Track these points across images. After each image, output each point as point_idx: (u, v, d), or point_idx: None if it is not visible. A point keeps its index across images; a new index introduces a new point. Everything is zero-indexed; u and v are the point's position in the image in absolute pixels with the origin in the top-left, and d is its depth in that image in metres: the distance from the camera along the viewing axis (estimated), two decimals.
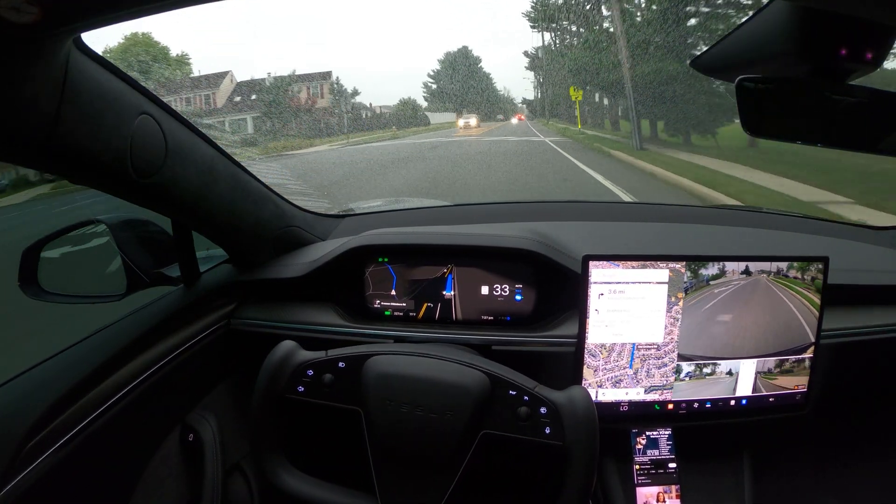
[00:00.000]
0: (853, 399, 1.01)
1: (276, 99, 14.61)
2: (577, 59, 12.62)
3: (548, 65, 16.74)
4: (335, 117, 16.00)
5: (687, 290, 0.82)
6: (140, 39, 13.77)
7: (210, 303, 0.94)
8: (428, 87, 21.39)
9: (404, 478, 0.65)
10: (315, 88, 15.79)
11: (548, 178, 7.27)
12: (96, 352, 0.72)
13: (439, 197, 5.79)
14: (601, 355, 0.85)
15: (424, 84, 21.60)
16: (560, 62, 14.41)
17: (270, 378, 0.68)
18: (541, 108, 19.04)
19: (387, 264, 0.98)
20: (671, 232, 1.15)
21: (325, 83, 15.98)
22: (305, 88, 15.55)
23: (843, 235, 1.13)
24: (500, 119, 19.58)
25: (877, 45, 0.46)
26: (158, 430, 0.82)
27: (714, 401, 0.87)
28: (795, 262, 0.83)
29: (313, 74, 15.89)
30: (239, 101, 14.66)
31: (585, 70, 12.33)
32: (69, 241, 0.88)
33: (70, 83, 0.52)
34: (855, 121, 0.51)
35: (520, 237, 0.96)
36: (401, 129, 17.61)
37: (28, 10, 0.38)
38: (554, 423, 0.64)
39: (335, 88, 16.14)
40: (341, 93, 16.35)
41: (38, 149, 0.51)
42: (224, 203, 0.84)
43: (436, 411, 0.65)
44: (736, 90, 0.50)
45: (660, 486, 0.91)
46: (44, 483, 0.60)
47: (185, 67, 15.26)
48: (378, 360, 0.69)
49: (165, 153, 0.68)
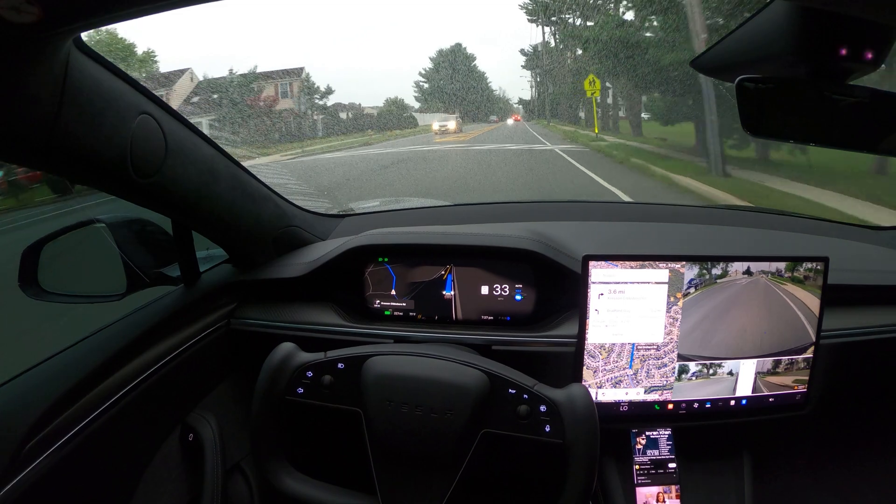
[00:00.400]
0: (853, 399, 1.01)
1: (234, 99, 12.79)
2: (609, 34, 8.60)
3: (551, 57, 15.35)
4: (305, 119, 14.34)
5: (697, 286, 0.82)
6: (103, 38, 12.18)
7: (210, 303, 0.94)
8: (420, 86, 20.64)
9: (405, 478, 0.65)
10: (284, 87, 14.09)
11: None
12: (96, 352, 0.72)
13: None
14: (601, 356, 0.85)
15: (416, 83, 20.85)
16: (570, 50, 12.23)
17: (270, 380, 0.68)
18: (539, 108, 17.72)
19: (387, 264, 0.98)
20: (671, 232, 1.15)
21: (294, 81, 14.20)
22: (273, 86, 13.83)
23: (843, 235, 1.13)
24: (494, 121, 18.31)
25: (877, 45, 0.46)
26: (158, 430, 0.82)
27: (714, 401, 0.87)
28: (795, 262, 0.83)
29: (277, 72, 14.20)
30: (197, 101, 12.82)
31: (625, 48, 8.15)
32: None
33: (70, 83, 0.52)
34: (855, 121, 0.51)
35: (520, 237, 0.96)
36: (381, 133, 16.10)
37: (28, 10, 0.38)
38: (554, 421, 0.64)
39: (306, 87, 14.63)
40: (311, 91, 14.64)
41: (38, 149, 0.51)
42: (224, 203, 0.84)
43: (436, 411, 0.65)
44: (736, 90, 0.50)
45: (660, 486, 0.91)
46: (44, 483, 0.60)
47: (152, 66, 13.79)
48: (377, 361, 0.69)
49: (165, 153, 0.68)
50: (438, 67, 20.40)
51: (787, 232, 1.13)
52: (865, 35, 0.46)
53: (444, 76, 20.10)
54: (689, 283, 0.82)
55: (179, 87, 13.02)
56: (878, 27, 0.46)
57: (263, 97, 13.76)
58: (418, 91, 20.74)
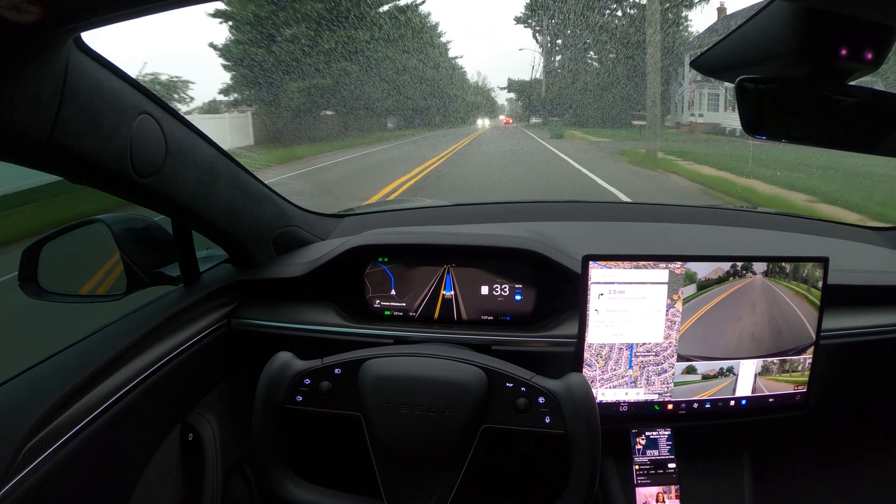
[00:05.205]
0: (853, 399, 1.01)
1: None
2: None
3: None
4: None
5: (696, 286, 0.82)
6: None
7: (210, 302, 0.94)
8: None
9: (409, 479, 0.65)
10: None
11: None
12: (96, 351, 0.72)
13: None
14: (597, 364, 0.85)
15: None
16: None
17: (268, 391, 0.68)
18: (546, 102, 10.20)
19: (387, 264, 0.98)
20: (671, 232, 1.15)
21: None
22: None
23: (843, 235, 1.14)
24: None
25: (877, 45, 0.46)
26: (158, 430, 0.82)
27: (714, 401, 0.87)
28: (795, 262, 0.83)
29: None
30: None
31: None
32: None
33: (70, 83, 0.52)
34: (855, 121, 0.51)
35: (519, 237, 0.96)
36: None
37: (28, 9, 0.38)
38: (553, 412, 0.64)
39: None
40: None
41: (38, 149, 0.51)
42: (224, 203, 0.84)
43: (434, 410, 0.65)
44: (736, 90, 0.50)
45: (659, 487, 0.91)
46: (44, 482, 0.60)
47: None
48: (374, 364, 0.69)
49: (165, 153, 0.68)
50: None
51: (787, 232, 1.13)
52: (865, 35, 0.46)
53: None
54: (689, 284, 0.83)
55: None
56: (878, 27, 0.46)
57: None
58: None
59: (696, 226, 1.18)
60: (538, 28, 10.78)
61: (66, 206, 3.76)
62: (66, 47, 0.50)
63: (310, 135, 11.39)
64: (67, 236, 0.85)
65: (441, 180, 7.17)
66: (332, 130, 11.90)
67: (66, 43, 0.50)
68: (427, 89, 12.21)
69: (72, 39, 0.51)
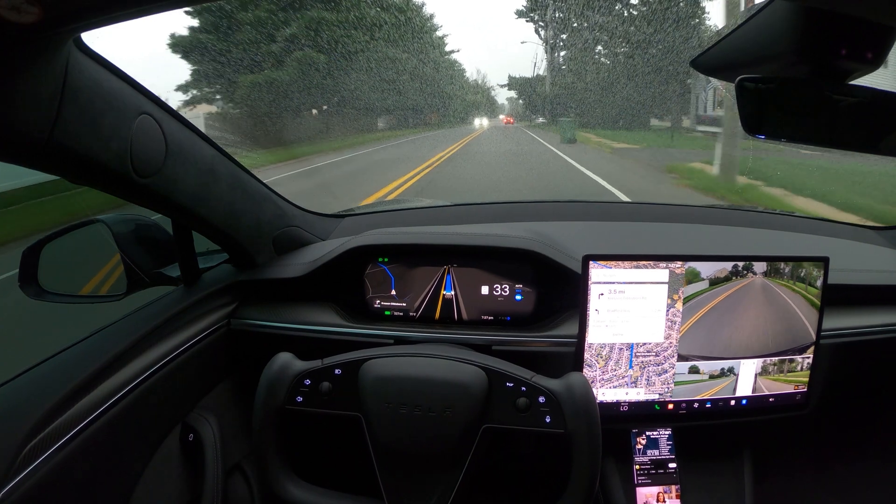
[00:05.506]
0: (853, 399, 1.01)
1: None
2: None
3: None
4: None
5: (697, 286, 0.82)
6: None
7: (210, 303, 0.94)
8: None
9: (410, 479, 0.65)
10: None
11: None
12: (96, 352, 0.72)
13: None
14: (598, 364, 0.85)
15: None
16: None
17: (268, 391, 0.68)
18: (549, 100, 9.56)
19: (387, 264, 0.98)
20: (671, 232, 1.15)
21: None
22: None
23: (843, 235, 1.14)
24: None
25: (877, 45, 0.46)
26: (158, 430, 0.82)
27: (714, 401, 0.87)
28: (795, 262, 0.83)
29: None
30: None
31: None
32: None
33: (70, 83, 0.51)
34: (855, 121, 0.51)
35: (520, 237, 0.96)
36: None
37: (28, 10, 0.38)
38: (553, 412, 0.64)
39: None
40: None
41: (38, 149, 0.51)
42: (224, 203, 0.84)
43: (435, 410, 0.65)
44: (736, 90, 0.50)
45: (660, 486, 0.91)
46: (44, 482, 0.60)
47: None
48: (373, 364, 0.69)
49: (165, 153, 0.68)
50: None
51: (787, 232, 1.13)
52: (865, 35, 0.46)
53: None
54: (690, 283, 0.82)
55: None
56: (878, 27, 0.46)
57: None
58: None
59: (697, 225, 1.18)
60: (542, 24, 10.16)
61: (58, 207, 3.75)
62: (66, 47, 0.50)
63: (278, 137, 9.74)
64: (67, 237, 0.85)
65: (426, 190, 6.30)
66: (305, 132, 10.02)
67: (66, 43, 0.50)
68: (419, 86, 11.01)
69: (72, 40, 0.51)
